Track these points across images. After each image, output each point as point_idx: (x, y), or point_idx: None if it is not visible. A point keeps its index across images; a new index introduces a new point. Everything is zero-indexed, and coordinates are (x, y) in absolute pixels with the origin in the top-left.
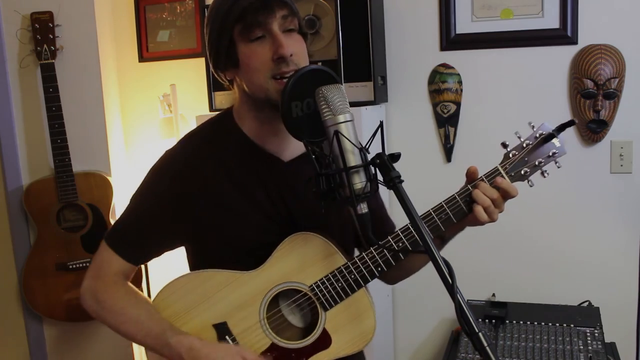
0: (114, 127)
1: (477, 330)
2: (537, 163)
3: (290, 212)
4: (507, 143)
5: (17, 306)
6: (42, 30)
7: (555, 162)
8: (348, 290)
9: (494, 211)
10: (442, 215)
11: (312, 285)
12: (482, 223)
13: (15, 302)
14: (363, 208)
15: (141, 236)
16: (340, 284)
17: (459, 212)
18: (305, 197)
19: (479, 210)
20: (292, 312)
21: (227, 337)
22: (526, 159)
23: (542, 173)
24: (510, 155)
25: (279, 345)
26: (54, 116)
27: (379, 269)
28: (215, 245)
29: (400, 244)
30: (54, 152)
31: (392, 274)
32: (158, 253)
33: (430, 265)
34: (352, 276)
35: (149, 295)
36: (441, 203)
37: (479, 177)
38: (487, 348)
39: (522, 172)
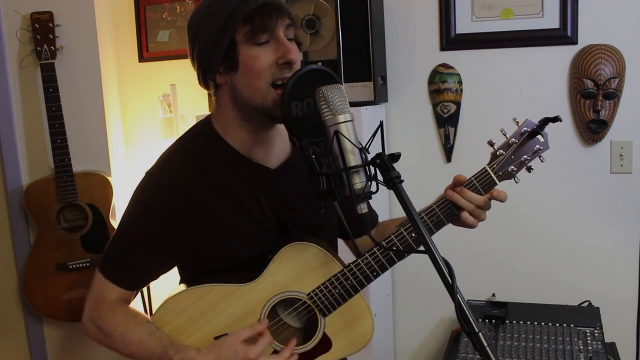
0: (114, 127)
1: (477, 330)
2: (522, 160)
3: (280, 219)
4: (494, 141)
5: (17, 306)
6: (42, 30)
7: (540, 157)
8: (345, 295)
9: (481, 213)
10: (433, 217)
11: (310, 293)
12: (472, 225)
13: (15, 302)
14: (363, 208)
15: (135, 264)
16: (337, 291)
17: (450, 215)
18: (295, 204)
19: (464, 213)
20: (292, 320)
21: None
22: (512, 156)
23: (528, 169)
24: (498, 154)
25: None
26: (54, 116)
27: (375, 273)
28: (209, 259)
29: (395, 248)
30: (54, 152)
31: None
32: (154, 277)
33: (430, 265)
34: (349, 282)
35: (150, 305)
36: (432, 205)
37: (469, 180)
38: (487, 348)
39: (510, 170)
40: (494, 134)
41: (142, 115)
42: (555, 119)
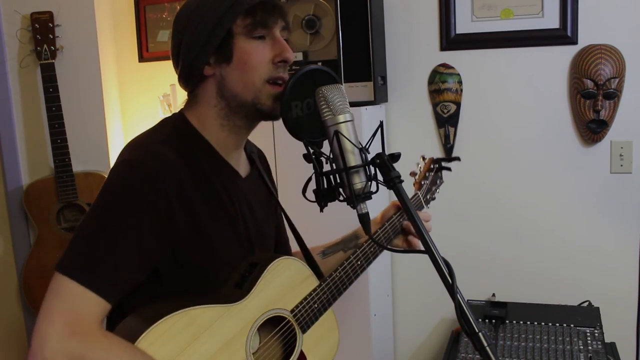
0: (114, 127)
1: (477, 330)
2: (433, 189)
3: (248, 229)
4: (416, 172)
5: (17, 306)
6: (42, 30)
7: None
8: (322, 309)
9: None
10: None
11: (293, 309)
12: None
13: (15, 302)
14: (363, 208)
15: (122, 266)
16: (317, 305)
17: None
18: (257, 214)
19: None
20: (276, 340)
21: None
22: (430, 186)
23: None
24: (422, 183)
25: None
26: (54, 116)
27: (344, 286)
28: (187, 263)
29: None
30: (54, 152)
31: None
32: (133, 285)
33: (430, 265)
34: (325, 296)
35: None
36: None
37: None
38: (487, 348)
39: (429, 197)
40: (494, 133)
41: (142, 115)
42: (457, 158)
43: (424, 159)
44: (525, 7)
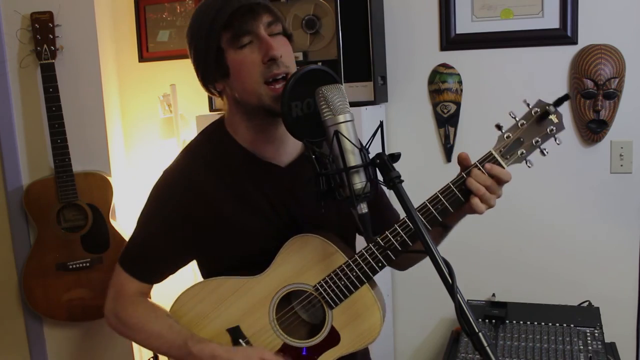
0: (114, 127)
1: (477, 330)
2: (534, 142)
3: (292, 216)
4: (502, 125)
5: (17, 306)
6: (42, 30)
7: (555, 139)
8: (351, 287)
9: (490, 197)
10: (438, 206)
11: (316, 285)
12: (480, 211)
13: (15, 302)
14: (363, 208)
15: (154, 258)
16: (342, 282)
17: (455, 202)
18: (306, 200)
19: (474, 199)
20: (301, 311)
21: (240, 340)
22: (522, 139)
23: (542, 152)
24: (505, 137)
25: (290, 344)
26: (54, 116)
27: (380, 264)
28: (223, 255)
29: (399, 239)
30: (54, 152)
31: (401, 262)
32: (173, 271)
33: (430, 265)
34: (354, 273)
35: None
36: (436, 193)
37: (473, 163)
38: (487, 348)
39: (519, 153)
40: (494, 133)
41: (142, 115)
42: (566, 97)
43: (527, 104)
44: (525, 7)
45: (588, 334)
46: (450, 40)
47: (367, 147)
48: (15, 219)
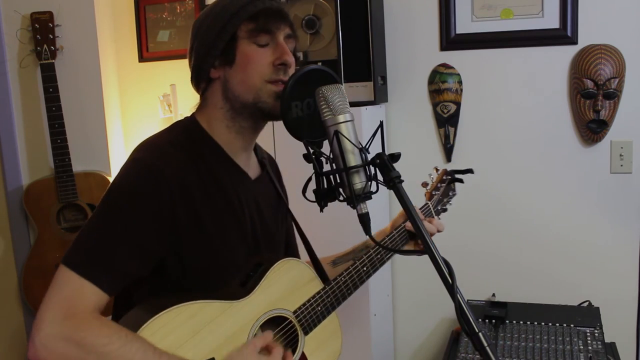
0: (114, 127)
1: (477, 330)
2: (445, 200)
3: (255, 232)
4: (427, 183)
5: (17, 306)
6: (42, 30)
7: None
8: (326, 313)
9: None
10: (393, 243)
11: (296, 310)
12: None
13: (15, 302)
14: (363, 208)
15: (120, 260)
16: (320, 308)
17: (404, 242)
18: (267, 218)
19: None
20: (277, 339)
21: None
22: (442, 197)
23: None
24: (433, 194)
25: None
26: (54, 116)
27: (349, 291)
28: (192, 263)
29: (366, 268)
30: (54, 152)
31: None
32: (134, 278)
33: (430, 265)
34: (329, 299)
35: None
36: (391, 232)
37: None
38: (487, 348)
39: (440, 207)
40: (494, 133)
41: (142, 115)
42: (470, 171)
43: (437, 170)
44: (525, 7)
45: (588, 334)
46: (450, 40)
47: (367, 147)
48: (15, 219)
